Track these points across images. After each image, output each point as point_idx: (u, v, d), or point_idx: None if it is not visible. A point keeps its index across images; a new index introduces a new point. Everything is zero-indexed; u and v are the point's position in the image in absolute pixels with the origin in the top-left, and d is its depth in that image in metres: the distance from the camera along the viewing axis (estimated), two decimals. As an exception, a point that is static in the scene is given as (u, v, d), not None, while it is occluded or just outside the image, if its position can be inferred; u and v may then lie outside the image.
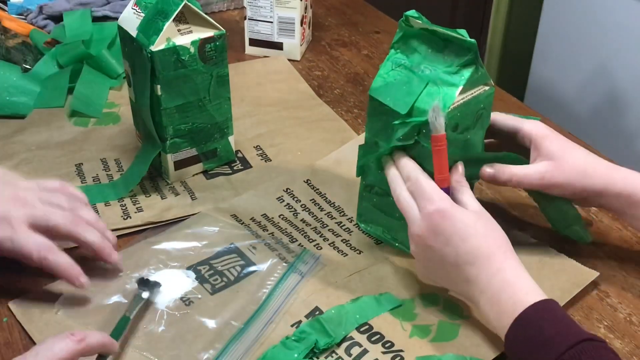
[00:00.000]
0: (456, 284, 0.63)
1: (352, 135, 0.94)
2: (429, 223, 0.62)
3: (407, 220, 0.65)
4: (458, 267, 0.62)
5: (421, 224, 0.63)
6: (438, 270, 0.64)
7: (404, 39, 0.69)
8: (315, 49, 1.18)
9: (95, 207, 0.79)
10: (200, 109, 0.81)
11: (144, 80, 0.76)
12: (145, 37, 0.75)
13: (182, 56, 0.76)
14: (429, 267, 0.65)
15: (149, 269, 0.70)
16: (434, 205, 0.62)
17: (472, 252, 0.61)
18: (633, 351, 0.64)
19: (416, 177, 0.64)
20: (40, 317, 0.65)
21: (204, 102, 0.81)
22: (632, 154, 1.52)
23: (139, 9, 0.78)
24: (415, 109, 0.66)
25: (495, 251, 0.61)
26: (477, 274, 0.61)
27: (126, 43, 0.79)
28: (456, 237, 0.61)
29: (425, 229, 0.63)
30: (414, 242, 0.64)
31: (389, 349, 0.63)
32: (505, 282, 0.60)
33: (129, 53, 0.80)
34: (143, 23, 0.76)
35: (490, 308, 0.60)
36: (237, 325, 0.64)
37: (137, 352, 0.62)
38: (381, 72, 0.69)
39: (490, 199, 0.83)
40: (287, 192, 0.83)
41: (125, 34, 0.78)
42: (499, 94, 1.04)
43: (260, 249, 0.73)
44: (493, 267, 0.61)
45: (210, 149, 0.85)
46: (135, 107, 0.84)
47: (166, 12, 0.75)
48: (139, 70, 0.77)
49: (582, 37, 1.64)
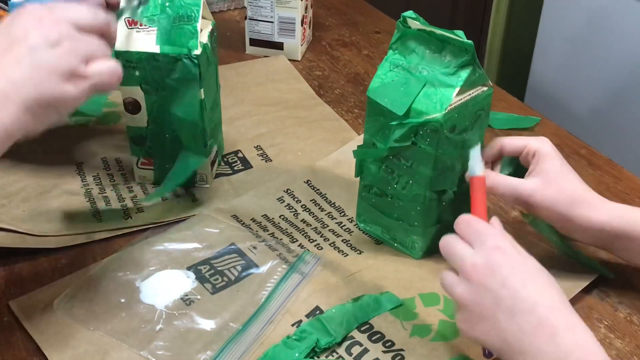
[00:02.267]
0: (505, 336, 0.53)
1: (352, 136, 0.94)
2: (487, 259, 0.55)
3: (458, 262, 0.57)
4: (514, 314, 0.53)
5: (476, 260, 0.55)
6: (486, 319, 0.54)
7: (402, 39, 0.69)
8: (315, 49, 1.18)
9: (95, 207, 0.79)
10: (216, 103, 0.81)
11: (187, 91, 0.73)
12: (179, 46, 0.72)
13: (207, 53, 0.76)
14: (475, 313, 0.55)
15: (149, 269, 0.70)
16: (494, 241, 0.56)
17: (534, 296, 0.53)
18: (633, 351, 0.64)
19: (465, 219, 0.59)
20: (40, 316, 0.65)
21: (217, 96, 0.82)
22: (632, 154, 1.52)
23: (145, 25, 0.74)
24: (412, 110, 0.66)
25: (559, 305, 0.54)
26: (536, 326, 0.52)
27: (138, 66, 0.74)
28: (514, 279, 0.54)
29: (482, 265, 0.55)
30: (465, 280, 0.56)
31: (390, 348, 0.63)
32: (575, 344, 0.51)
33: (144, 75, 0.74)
34: (163, 35, 0.73)
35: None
36: (235, 326, 0.64)
37: (134, 352, 0.62)
38: (379, 73, 0.70)
39: (490, 199, 0.83)
40: (287, 192, 0.83)
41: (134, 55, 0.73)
42: (499, 94, 1.04)
43: (260, 250, 0.73)
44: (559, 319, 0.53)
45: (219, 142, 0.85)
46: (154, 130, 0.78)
47: (189, 15, 0.73)
48: (174, 84, 0.74)
49: (582, 37, 1.64)
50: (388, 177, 0.71)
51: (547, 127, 0.98)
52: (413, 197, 0.70)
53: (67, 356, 0.61)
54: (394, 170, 0.70)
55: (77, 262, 0.71)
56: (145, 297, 0.67)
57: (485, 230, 0.57)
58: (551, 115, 1.02)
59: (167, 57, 0.73)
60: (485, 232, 0.57)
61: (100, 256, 0.72)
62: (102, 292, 0.67)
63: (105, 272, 0.70)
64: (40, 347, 0.62)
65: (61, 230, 0.75)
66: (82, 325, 0.64)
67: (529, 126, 0.97)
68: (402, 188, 0.70)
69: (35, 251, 0.72)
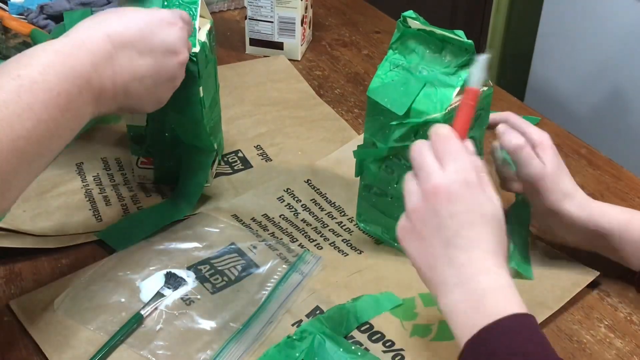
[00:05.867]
0: (431, 262, 0.54)
1: (352, 135, 0.94)
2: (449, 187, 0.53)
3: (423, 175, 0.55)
4: (448, 246, 0.53)
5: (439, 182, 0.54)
6: (422, 239, 0.54)
7: (402, 39, 0.69)
8: (315, 48, 1.18)
9: (95, 206, 0.79)
10: (215, 101, 0.81)
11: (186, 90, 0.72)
12: None
13: (206, 51, 0.76)
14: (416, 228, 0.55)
15: (149, 269, 0.70)
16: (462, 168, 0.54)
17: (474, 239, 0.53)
18: (633, 350, 0.64)
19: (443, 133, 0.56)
20: (41, 316, 0.65)
21: (216, 95, 0.81)
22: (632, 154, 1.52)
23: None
24: (412, 110, 0.66)
25: (498, 252, 0.54)
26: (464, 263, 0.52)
27: None
28: (464, 217, 0.53)
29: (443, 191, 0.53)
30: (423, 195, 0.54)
31: (390, 348, 0.63)
32: (498, 286, 0.52)
33: None
34: None
35: (464, 303, 0.52)
36: (235, 326, 0.64)
37: (134, 351, 0.62)
38: (379, 73, 0.70)
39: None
40: (287, 192, 0.83)
41: None
42: (499, 94, 1.04)
43: (261, 249, 0.73)
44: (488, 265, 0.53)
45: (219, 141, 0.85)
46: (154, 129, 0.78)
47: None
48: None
49: (582, 37, 1.64)
50: (388, 176, 0.71)
51: (547, 127, 0.98)
52: (413, 197, 0.70)
53: (67, 356, 0.61)
54: (394, 170, 0.70)
55: (77, 262, 0.71)
56: (146, 296, 0.67)
57: (459, 152, 0.55)
58: (551, 115, 1.02)
59: None
60: (458, 155, 0.55)
61: (100, 256, 0.72)
62: (102, 292, 0.67)
63: (105, 272, 0.70)
64: (40, 347, 0.62)
65: (61, 230, 0.75)
66: (82, 325, 0.64)
67: (529, 126, 0.97)
68: (402, 188, 0.70)
69: (35, 251, 0.72)
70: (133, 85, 0.61)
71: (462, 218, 0.53)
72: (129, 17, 0.62)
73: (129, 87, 0.61)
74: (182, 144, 0.78)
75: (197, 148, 0.77)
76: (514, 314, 0.50)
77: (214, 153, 0.79)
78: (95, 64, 0.58)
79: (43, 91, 0.54)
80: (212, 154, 0.79)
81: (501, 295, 0.52)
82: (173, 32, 0.63)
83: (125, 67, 0.60)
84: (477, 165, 0.55)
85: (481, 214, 0.54)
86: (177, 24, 0.64)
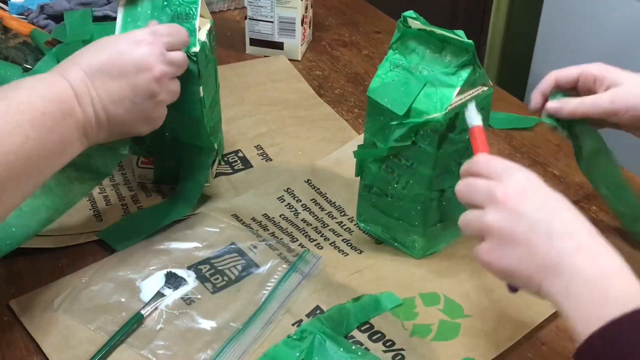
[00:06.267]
0: (539, 260, 0.50)
1: (352, 135, 0.94)
2: (520, 186, 0.53)
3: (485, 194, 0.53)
4: (551, 237, 0.50)
5: (508, 188, 0.52)
6: (519, 245, 0.51)
7: (403, 39, 0.69)
8: (315, 48, 1.18)
9: (95, 206, 0.79)
10: (215, 101, 0.81)
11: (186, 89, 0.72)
12: None
13: (206, 51, 0.76)
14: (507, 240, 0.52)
15: (149, 269, 0.70)
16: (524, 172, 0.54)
17: (572, 222, 0.51)
18: (633, 350, 0.64)
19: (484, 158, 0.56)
20: (40, 316, 0.65)
21: (216, 94, 0.81)
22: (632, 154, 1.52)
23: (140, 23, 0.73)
24: (412, 110, 0.66)
25: (596, 235, 0.51)
26: (576, 248, 0.49)
27: None
28: (549, 204, 0.52)
29: (515, 192, 0.52)
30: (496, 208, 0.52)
31: (390, 348, 0.63)
32: (618, 268, 0.49)
33: None
34: None
35: (587, 293, 0.47)
36: (236, 326, 0.64)
37: (134, 351, 0.62)
38: (379, 73, 0.70)
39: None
40: (287, 191, 0.83)
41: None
42: (499, 94, 1.04)
43: (261, 249, 0.73)
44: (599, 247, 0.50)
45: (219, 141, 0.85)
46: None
47: (187, 13, 0.73)
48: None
49: (582, 37, 1.63)
50: (388, 176, 0.71)
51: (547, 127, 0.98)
52: (413, 197, 0.70)
53: (67, 356, 0.61)
54: (394, 170, 0.70)
55: (77, 262, 0.71)
56: (146, 296, 0.67)
57: (511, 164, 0.55)
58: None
59: None
60: (513, 166, 0.54)
61: (100, 256, 0.72)
62: (102, 292, 0.67)
63: (105, 271, 0.70)
64: (40, 347, 0.62)
65: (61, 230, 0.75)
66: (83, 325, 0.64)
67: (529, 126, 0.97)
68: (402, 188, 0.70)
69: (35, 251, 0.72)
70: (113, 109, 0.63)
71: (548, 205, 0.52)
72: (100, 44, 0.64)
73: (109, 111, 0.63)
74: (182, 144, 0.78)
75: (197, 148, 0.77)
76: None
77: (214, 153, 0.79)
78: (74, 93, 0.60)
79: (30, 111, 0.57)
80: (212, 153, 0.79)
81: (624, 278, 0.48)
82: (142, 49, 0.64)
83: (101, 92, 0.62)
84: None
85: (558, 199, 0.53)
86: (146, 40, 0.65)
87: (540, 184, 0.53)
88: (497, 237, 0.52)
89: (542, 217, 0.51)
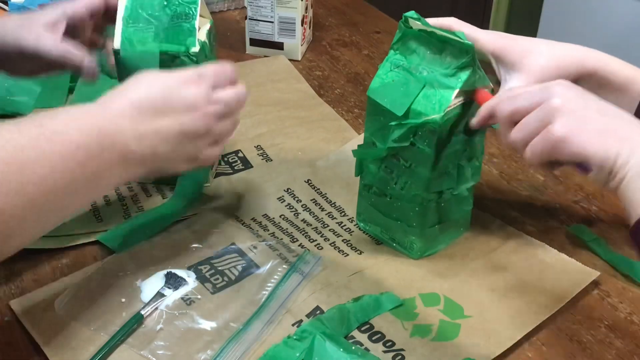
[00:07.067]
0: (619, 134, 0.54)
1: (352, 135, 0.94)
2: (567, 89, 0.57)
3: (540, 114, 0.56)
4: (622, 117, 0.54)
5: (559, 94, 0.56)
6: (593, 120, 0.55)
7: (404, 40, 0.69)
8: (315, 49, 1.18)
9: (95, 206, 0.79)
10: None
11: None
12: (177, 43, 0.72)
13: (206, 51, 0.75)
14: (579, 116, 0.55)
15: (149, 269, 0.70)
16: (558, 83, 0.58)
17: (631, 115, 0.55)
18: (634, 351, 0.64)
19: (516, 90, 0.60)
20: (41, 316, 0.65)
21: None
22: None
23: (142, 24, 0.74)
24: (411, 110, 0.66)
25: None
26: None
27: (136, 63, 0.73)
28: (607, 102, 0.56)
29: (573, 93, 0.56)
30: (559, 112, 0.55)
31: (390, 348, 0.63)
32: None
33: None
34: (159, 33, 0.73)
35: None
36: (236, 326, 0.64)
37: (134, 351, 0.62)
38: (380, 73, 0.70)
39: (491, 199, 0.83)
40: (287, 192, 0.83)
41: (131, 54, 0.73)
42: (500, 94, 1.04)
43: (261, 249, 0.73)
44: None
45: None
46: None
47: (187, 13, 0.73)
48: None
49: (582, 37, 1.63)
50: (387, 177, 0.71)
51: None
52: (411, 197, 0.70)
53: (68, 356, 0.61)
54: (393, 170, 0.70)
55: (77, 262, 0.71)
56: (146, 296, 0.67)
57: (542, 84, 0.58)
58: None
59: (165, 55, 0.73)
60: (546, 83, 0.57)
61: (100, 256, 0.72)
62: (102, 292, 0.67)
63: (105, 271, 0.70)
64: (40, 347, 0.62)
65: (61, 230, 0.75)
66: (83, 325, 0.64)
67: (529, 126, 0.97)
68: (400, 188, 0.70)
69: (36, 251, 0.72)
70: (160, 146, 0.62)
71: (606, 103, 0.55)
72: (150, 80, 0.63)
73: (156, 148, 0.61)
74: None
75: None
76: None
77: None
78: (119, 126, 0.59)
79: (62, 142, 0.55)
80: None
81: None
82: (190, 90, 0.63)
83: (150, 128, 0.61)
84: None
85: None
86: (195, 81, 0.64)
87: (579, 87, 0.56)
88: (570, 112, 0.54)
89: (606, 105, 0.54)
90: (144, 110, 0.61)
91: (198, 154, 0.65)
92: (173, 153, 0.63)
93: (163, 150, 0.62)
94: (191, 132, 0.63)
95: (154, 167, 0.63)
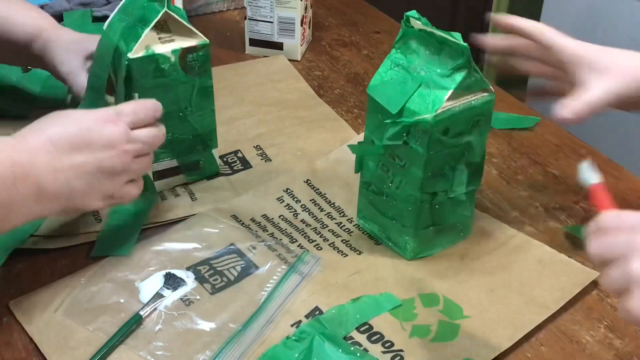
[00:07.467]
0: None
1: (352, 135, 0.94)
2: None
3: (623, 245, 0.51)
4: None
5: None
6: None
7: (405, 39, 0.69)
8: (315, 49, 1.18)
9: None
10: (180, 119, 0.79)
11: (122, 88, 0.74)
12: (125, 43, 0.74)
13: (162, 65, 0.74)
14: None
15: (148, 270, 0.70)
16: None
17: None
18: (633, 351, 0.64)
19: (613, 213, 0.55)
20: (40, 317, 0.65)
21: (185, 113, 0.78)
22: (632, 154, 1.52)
23: (125, 15, 0.76)
24: (405, 109, 0.66)
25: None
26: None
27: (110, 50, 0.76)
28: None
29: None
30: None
31: (389, 349, 0.63)
32: None
33: (112, 60, 0.76)
34: (124, 30, 0.75)
35: None
36: (234, 327, 0.64)
37: (133, 352, 0.62)
38: (380, 71, 0.70)
39: (490, 199, 0.83)
40: (287, 192, 0.83)
41: (107, 40, 0.75)
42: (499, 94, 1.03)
43: (260, 250, 0.73)
44: None
45: (192, 160, 0.82)
46: None
47: (147, 19, 0.74)
48: (120, 78, 0.75)
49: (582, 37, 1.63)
50: (384, 175, 0.71)
51: (547, 127, 0.98)
52: (406, 197, 0.70)
53: (67, 357, 0.61)
54: (389, 168, 0.70)
55: (77, 262, 0.71)
56: (145, 297, 0.67)
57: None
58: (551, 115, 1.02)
59: (118, 51, 0.74)
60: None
61: (99, 257, 0.72)
62: (101, 293, 0.67)
63: (104, 272, 0.70)
64: (39, 348, 0.62)
65: (60, 230, 0.75)
66: (82, 326, 0.64)
67: (529, 126, 0.97)
68: (396, 187, 0.70)
69: (35, 251, 0.72)
70: (75, 181, 0.62)
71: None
72: (70, 118, 0.64)
73: (71, 183, 0.62)
74: (181, 144, 0.78)
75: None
76: None
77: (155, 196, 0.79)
78: (34, 160, 0.59)
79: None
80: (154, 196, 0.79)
81: None
82: (109, 128, 0.64)
83: (66, 164, 0.61)
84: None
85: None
86: (112, 120, 0.65)
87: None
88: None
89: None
90: (61, 145, 0.61)
91: (114, 192, 0.66)
92: (89, 189, 0.63)
93: (78, 186, 0.62)
94: (108, 168, 0.64)
95: (69, 204, 0.63)
